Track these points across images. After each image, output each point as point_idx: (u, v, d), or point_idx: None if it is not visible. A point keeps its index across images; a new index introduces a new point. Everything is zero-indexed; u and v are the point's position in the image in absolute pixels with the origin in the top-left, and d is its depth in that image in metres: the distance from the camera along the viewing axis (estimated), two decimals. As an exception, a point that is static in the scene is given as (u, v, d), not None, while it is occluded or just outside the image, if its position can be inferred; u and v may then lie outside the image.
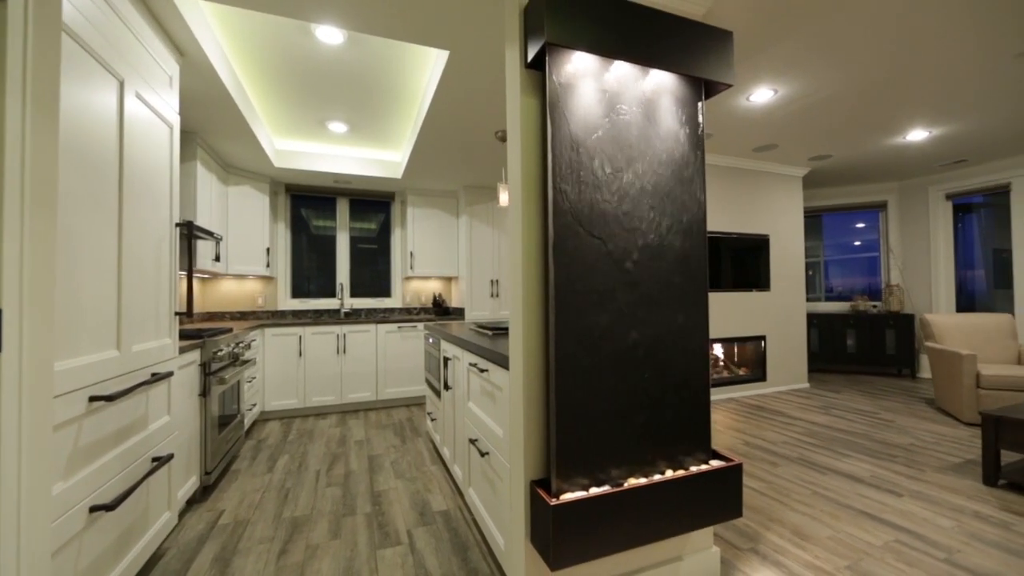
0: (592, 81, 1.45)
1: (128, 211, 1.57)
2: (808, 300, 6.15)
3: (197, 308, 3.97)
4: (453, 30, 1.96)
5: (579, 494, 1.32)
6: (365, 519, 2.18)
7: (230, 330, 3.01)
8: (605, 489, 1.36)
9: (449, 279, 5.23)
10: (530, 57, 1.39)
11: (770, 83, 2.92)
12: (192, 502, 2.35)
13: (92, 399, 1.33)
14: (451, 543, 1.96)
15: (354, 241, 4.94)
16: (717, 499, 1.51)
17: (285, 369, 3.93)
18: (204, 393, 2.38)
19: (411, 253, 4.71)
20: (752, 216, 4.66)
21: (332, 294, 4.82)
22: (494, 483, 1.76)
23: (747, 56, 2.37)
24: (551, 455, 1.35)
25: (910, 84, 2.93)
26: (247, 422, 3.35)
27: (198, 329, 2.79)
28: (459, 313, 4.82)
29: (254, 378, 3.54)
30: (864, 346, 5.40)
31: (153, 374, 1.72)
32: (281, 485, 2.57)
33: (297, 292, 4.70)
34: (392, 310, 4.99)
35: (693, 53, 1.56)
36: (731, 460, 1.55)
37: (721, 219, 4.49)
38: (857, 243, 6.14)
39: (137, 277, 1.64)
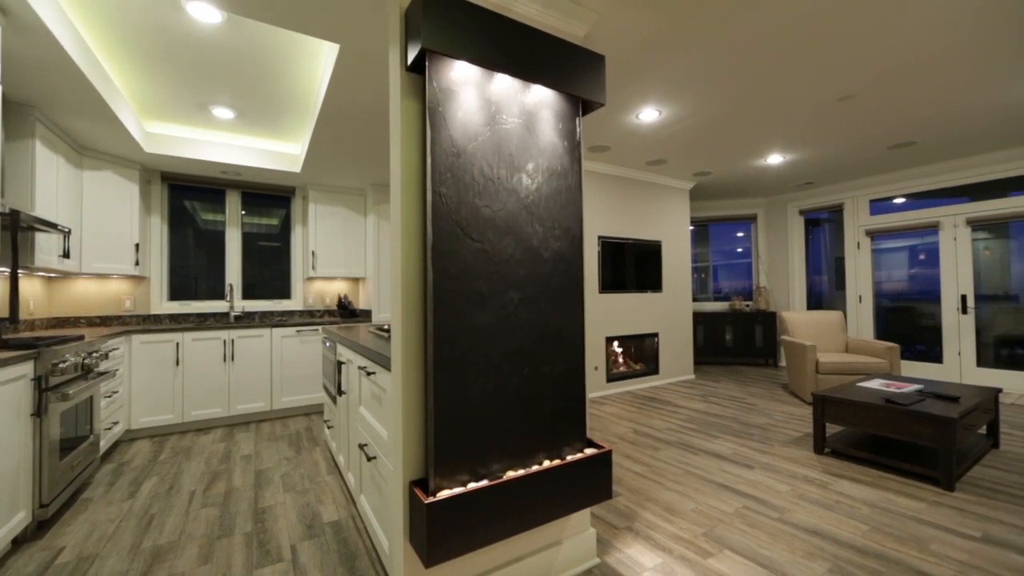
0: (474, 90, 1.50)
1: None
2: (699, 300, 6.87)
3: (41, 313, 3.37)
4: (339, 24, 1.90)
5: (456, 490, 1.36)
6: (244, 539, 2.02)
7: (81, 337, 2.60)
8: (483, 483, 1.41)
9: (356, 280, 5.02)
10: (410, 60, 1.40)
11: (655, 104, 3.22)
12: (20, 541, 2.00)
13: None
14: (339, 554, 1.89)
15: (248, 238, 4.54)
16: (591, 484, 1.64)
17: (158, 381, 3.48)
18: (38, 413, 2.03)
19: (313, 252, 4.44)
20: (647, 224, 5.10)
21: (221, 296, 4.38)
22: (381, 487, 1.74)
23: (631, 78, 2.60)
24: (429, 454, 1.36)
25: (763, 115, 3.42)
26: (105, 443, 2.92)
27: (35, 337, 2.38)
28: (366, 315, 4.64)
29: (115, 392, 3.09)
30: (739, 340, 6.17)
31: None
32: (144, 511, 2.28)
33: (177, 294, 4.20)
34: (292, 313, 4.66)
35: (571, 73, 1.69)
36: (603, 448, 1.69)
37: (619, 225, 4.85)
38: (739, 250, 7.00)
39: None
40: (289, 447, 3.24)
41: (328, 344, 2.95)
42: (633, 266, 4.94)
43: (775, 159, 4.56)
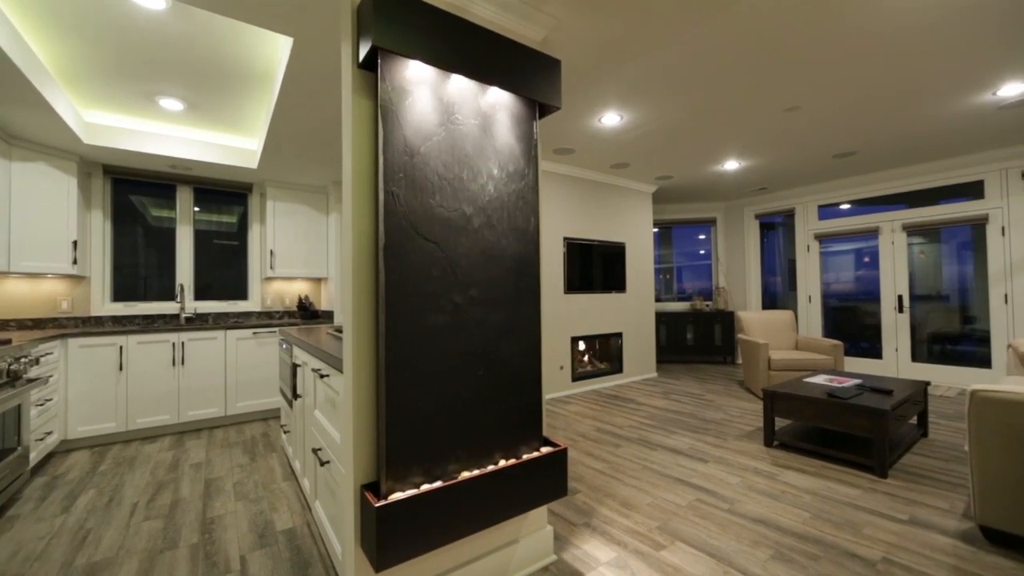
0: (429, 90, 1.49)
1: None
2: (663, 300, 7.07)
3: (-38, 315, 3.10)
4: (291, 16, 1.85)
5: (409, 492, 1.34)
6: (189, 551, 1.93)
7: (8, 342, 2.42)
8: (437, 484, 1.40)
9: (318, 280, 4.89)
10: (362, 57, 1.38)
11: (616, 109, 3.30)
12: (-67, 565, 1.83)
13: None
14: (292, 562, 1.84)
15: (202, 236, 4.33)
16: (546, 482, 1.66)
17: (99, 387, 3.27)
18: (-45, 423, 1.87)
19: (271, 251, 4.29)
20: (611, 225, 5.21)
21: (172, 297, 4.16)
22: (335, 492, 1.70)
23: (591, 83, 2.65)
24: (380, 457, 1.35)
25: (719, 123, 3.56)
26: (36, 455, 2.72)
27: (-48, 342, 2.19)
28: (329, 317, 4.53)
29: (49, 400, 2.88)
30: (699, 339, 6.39)
31: None
32: (79, 527, 2.14)
33: (122, 294, 3.96)
34: (249, 314, 4.48)
35: (527, 76, 1.71)
36: (559, 446, 1.71)
37: (585, 227, 4.93)
38: (702, 252, 7.24)
39: None
40: (244, 454, 3.11)
41: (284, 346, 2.86)
42: (598, 267, 5.04)
43: (732, 165, 4.75)
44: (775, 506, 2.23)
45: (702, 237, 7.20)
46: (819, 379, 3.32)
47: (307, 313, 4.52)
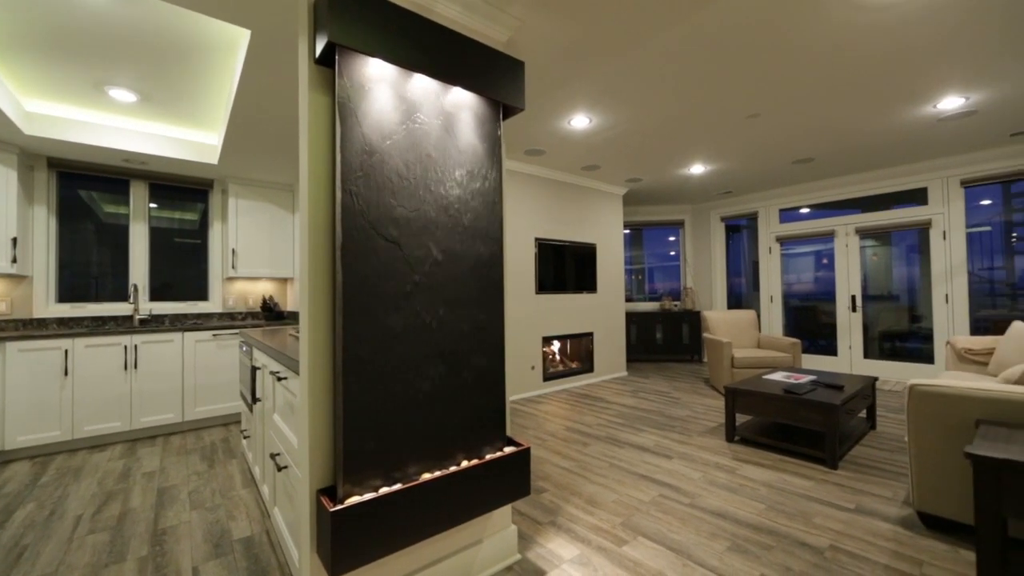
0: (390, 88, 1.47)
1: None
2: (634, 300, 7.20)
3: None
4: (247, 8, 1.79)
5: (367, 496, 1.32)
6: (137, 565, 1.84)
7: (-66, 346, 2.24)
8: (396, 487, 1.38)
9: (284, 280, 4.75)
10: (318, 53, 1.35)
11: (585, 112, 3.34)
12: None
13: None
14: (248, 572, 1.78)
15: (160, 234, 4.14)
16: (510, 481, 1.67)
17: (40, 393, 3.08)
18: None
19: (233, 250, 4.14)
20: (582, 226, 5.27)
21: (126, 297, 3.96)
22: (292, 497, 1.66)
23: (558, 85, 2.68)
24: (338, 461, 1.32)
25: (684, 128, 3.66)
26: (-31, 467, 2.54)
27: None
28: (295, 317, 4.41)
29: (-16, 408, 2.69)
30: (668, 338, 6.55)
31: None
32: (14, 543, 2.01)
33: (69, 295, 3.74)
34: (209, 315, 4.31)
35: (491, 77, 1.71)
36: (522, 445, 1.72)
37: (556, 228, 4.98)
38: (672, 253, 7.42)
39: None
40: (201, 461, 2.99)
41: (244, 348, 2.76)
42: (569, 268, 5.09)
43: (698, 169, 4.89)
44: (733, 499, 2.31)
45: (672, 239, 7.38)
46: (777, 376, 3.46)
47: (272, 314, 4.39)
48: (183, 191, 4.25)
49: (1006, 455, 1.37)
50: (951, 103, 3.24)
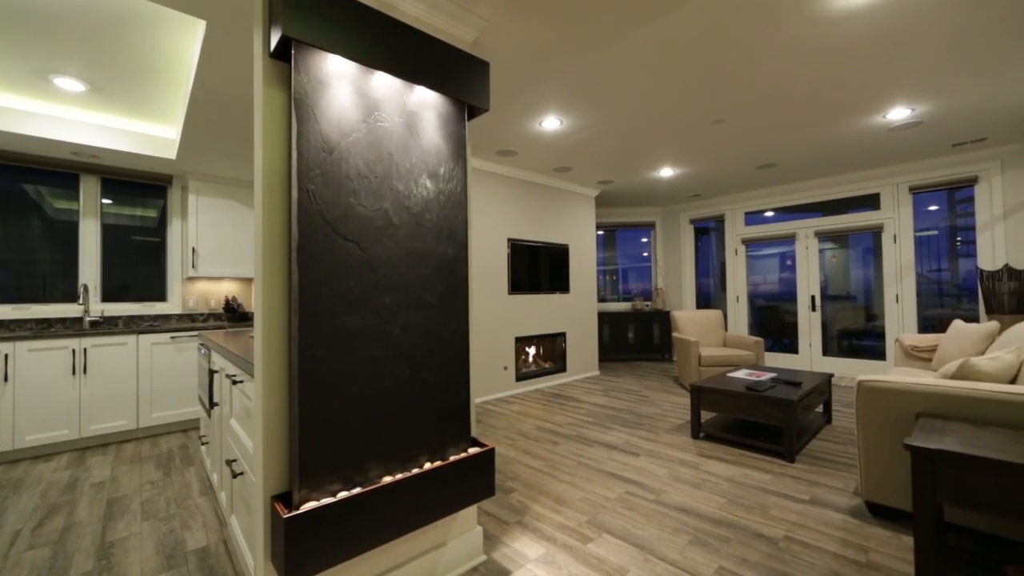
0: (350, 84, 1.44)
1: None
2: (608, 301, 7.30)
3: None
4: (207, -2, 1.73)
5: (324, 501, 1.29)
6: (81, 580, 1.74)
7: None
8: (356, 491, 1.36)
9: (248, 280, 4.60)
10: (272, 46, 1.32)
11: (556, 114, 3.37)
12: None
13: None
14: (202, 583, 1.71)
15: (115, 232, 3.94)
16: (473, 483, 1.66)
17: (-22, 401, 2.88)
18: None
19: (193, 249, 3.98)
20: (555, 227, 5.31)
21: (75, 298, 3.74)
22: (249, 504, 1.60)
23: (527, 86, 2.69)
24: (293, 466, 1.29)
25: (652, 132, 3.74)
26: None
27: None
28: (260, 319, 4.27)
29: (-89, 418, 2.50)
30: (639, 337, 6.67)
31: None
32: (-57, 562, 1.87)
33: (11, 295, 3.51)
34: (168, 317, 4.13)
35: (456, 77, 1.70)
36: (486, 446, 1.72)
37: (528, 228, 5.00)
38: (644, 254, 7.55)
39: None
40: (157, 469, 2.86)
41: (203, 351, 2.66)
42: (542, 268, 5.12)
43: (667, 172, 5.01)
44: (696, 494, 2.37)
45: (644, 240, 7.52)
46: (740, 374, 3.57)
47: (235, 315, 4.24)
48: (140, 187, 4.06)
49: (940, 446, 1.46)
50: (899, 114, 3.43)
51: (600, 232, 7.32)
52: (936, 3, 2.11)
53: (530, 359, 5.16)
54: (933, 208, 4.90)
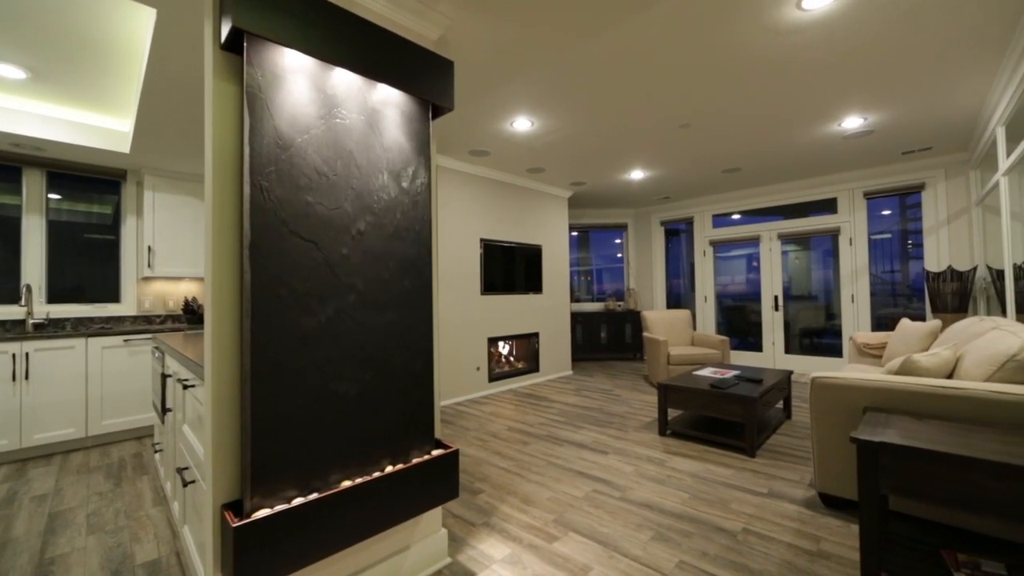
0: (308, 80, 1.41)
1: None
2: (581, 301, 7.37)
3: None
4: (156, -15, 1.65)
5: (278, 508, 1.25)
6: (15, 600, 1.63)
7: None
8: (312, 497, 1.32)
9: (211, 280, 4.42)
10: (223, 38, 1.27)
11: (527, 115, 3.38)
12: None
13: None
14: (150, 598, 1.63)
15: (62, 229, 3.71)
16: (437, 485, 1.65)
17: (-97, 410, 2.67)
18: None
19: (149, 248, 3.80)
20: (528, 228, 5.33)
21: (16, 299, 3.51)
22: (200, 513, 1.54)
23: (495, 86, 2.69)
24: (245, 472, 1.24)
25: (622, 135, 3.80)
26: None
27: None
28: (222, 320, 4.11)
29: None
30: (612, 337, 6.77)
31: None
32: None
33: (-57, 297, 3.27)
34: (121, 319, 3.93)
35: (420, 75, 1.68)
36: (450, 448, 1.71)
37: (501, 229, 5.00)
38: (618, 255, 7.67)
39: None
40: (106, 479, 2.72)
41: (157, 354, 2.54)
42: (515, 269, 5.13)
43: (638, 174, 5.10)
44: (661, 490, 2.42)
45: (617, 241, 7.64)
46: (706, 372, 3.67)
47: (195, 317, 4.07)
48: (92, 181, 3.85)
49: (883, 438, 1.54)
50: (852, 123, 3.60)
51: (574, 233, 7.40)
52: (881, 20, 2.22)
53: (503, 359, 5.16)
54: (886, 213, 5.17)
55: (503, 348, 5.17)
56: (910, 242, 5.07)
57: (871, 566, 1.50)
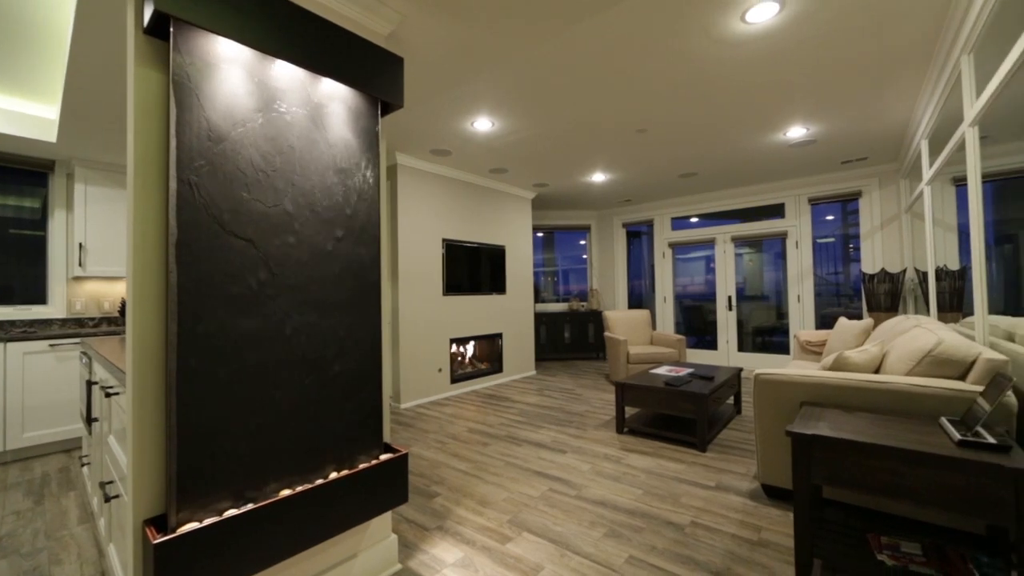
0: (243, 71, 1.34)
1: None
2: (546, 302, 7.43)
3: None
4: (76, -38, 1.53)
5: (207, 522, 1.18)
6: (-94, 636, 1.47)
7: None
8: (245, 508, 1.26)
9: (152, 280, 4.15)
10: (145, 21, 1.19)
11: (488, 115, 3.37)
12: None
13: None
14: (68, 624, 1.51)
15: (-26, 223, 3.39)
16: (384, 490, 1.61)
17: None
18: None
19: (80, 245, 3.53)
20: (491, 228, 5.32)
21: (-79, 301, 3.17)
22: (125, 530, 1.44)
23: (451, 85, 2.67)
24: (171, 485, 1.17)
25: (581, 138, 3.86)
26: None
27: None
28: (164, 323, 3.87)
29: None
30: (575, 337, 6.86)
31: None
32: None
33: None
34: (48, 322, 3.63)
35: (368, 71, 1.64)
36: (399, 452, 1.67)
37: (464, 229, 4.97)
38: (584, 256, 7.77)
39: None
40: (26, 497, 2.50)
41: (84, 360, 2.36)
42: (478, 269, 5.11)
43: (599, 177, 5.19)
44: (615, 487, 2.46)
45: (582, 242, 7.75)
46: (662, 370, 3.78)
47: (134, 319, 3.80)
48: (14, 172, 3.53)
49: (815, 431, 1.62)
50: (796, 132, 3.80)
51: (539, 234, 7.45)
52: (817, 36, 2.35)
53: (466, 360, 5.12)
54: (830, 218, 5.49)
55: (466, 349, 5.13)
56: (851, 246, 5.40)
57: (804, 552, 1.58)
